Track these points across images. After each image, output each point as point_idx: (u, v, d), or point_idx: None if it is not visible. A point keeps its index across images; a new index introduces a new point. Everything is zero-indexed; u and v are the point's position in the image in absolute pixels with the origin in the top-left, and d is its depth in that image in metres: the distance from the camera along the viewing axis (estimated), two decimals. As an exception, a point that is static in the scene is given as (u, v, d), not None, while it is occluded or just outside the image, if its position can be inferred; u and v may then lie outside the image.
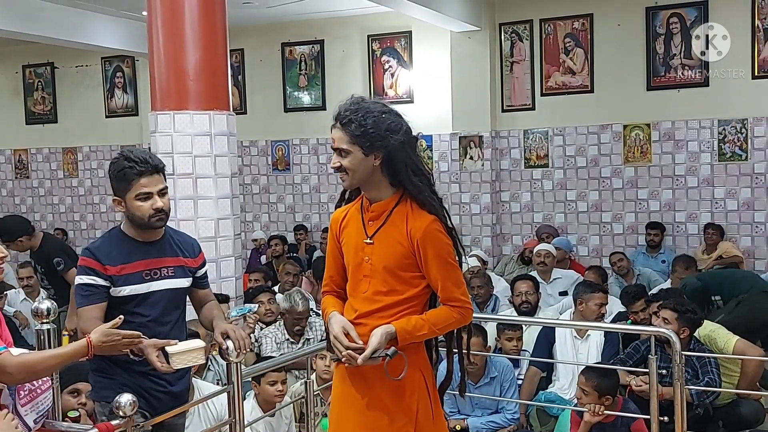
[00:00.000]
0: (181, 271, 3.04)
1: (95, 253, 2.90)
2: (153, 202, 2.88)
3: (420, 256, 2.58)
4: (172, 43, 4.70)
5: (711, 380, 4.37)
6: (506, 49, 8.69)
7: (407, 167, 2.59)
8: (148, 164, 2.89)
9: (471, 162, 8.78)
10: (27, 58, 11.06)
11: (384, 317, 2.59)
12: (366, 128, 2.53)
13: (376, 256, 2.61)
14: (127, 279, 2.89)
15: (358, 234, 2.66)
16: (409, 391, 2.63)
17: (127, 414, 2.56)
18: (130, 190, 2.88)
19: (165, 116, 4.77)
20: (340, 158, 2.60)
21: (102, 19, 8.84)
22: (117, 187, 2.94)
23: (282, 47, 9.77)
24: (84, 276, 2.88)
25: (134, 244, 2.95)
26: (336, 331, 2.58)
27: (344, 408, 2.70)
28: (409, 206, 2.61)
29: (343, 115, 2.56)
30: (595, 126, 8.45)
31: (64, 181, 11.20)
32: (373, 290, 2.62)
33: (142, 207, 2.88)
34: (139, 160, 2.88)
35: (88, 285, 2.87)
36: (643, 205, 8.33)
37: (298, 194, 9.96)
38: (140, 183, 2.87)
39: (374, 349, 2.50)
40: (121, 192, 2.92)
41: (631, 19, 8.16)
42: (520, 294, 5.72)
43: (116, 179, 2.93)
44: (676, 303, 4.49)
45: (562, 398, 4.88)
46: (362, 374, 2.62)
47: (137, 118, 10.46)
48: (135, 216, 2.91)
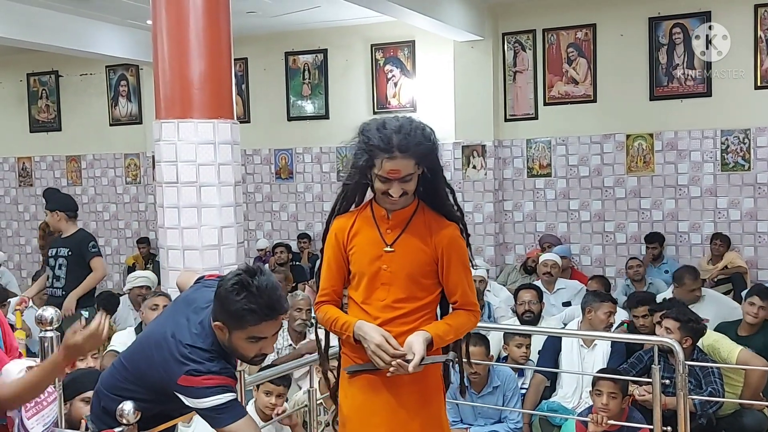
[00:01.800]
0: None
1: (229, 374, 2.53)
2: (263, 346, 2.51)
3: (443, 262, 2.64)
4: (176, 52, 4.72)
5: (714, 390, 4.35)
6: (509, 58, 8.71)
7: (439, 175, 2.63)
8: (275, 311, 2.45)
9: (474, 171, 8.79)
10: (31, 67, 11.11)
11: (405, 323, 2.62)
12: (423, 145, 2.52)
13: (397, 264, 2.62)
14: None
15: (373, 242, 2.65)
16: (435, 395, 2.71)
17: (130, 422, 2.56)
18: (242, 330, 2.46)
19: (169, 124, 4.78)
20: (405, 184, 2.54)
21: (107, 27, 8.88)
22: (227, 321, 2.47)
23: (285, 56, 9.80)
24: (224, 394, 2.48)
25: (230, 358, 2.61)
26: (378, 340, 2.55)
27: (367, 416, 2.68)
28: (426, 214, 2.66)
29: (402, 144, 2.47)
30: (598, 135, 8.46)
31: (68, 189, 11.20)
32: (394, 298, 2.63)
33: (248, 349, 2.50)
34: (263, 303, 2.41)
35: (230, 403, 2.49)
36: (645, 214, 8.33)
37: (301, 203, 9.97)
38: (260, 329, 2.46)
39: (422, 356, 2.52)
40: (230, 326, 2.48)
41: (634, 29, 8.18)
42: (523, 303, 5.72)
43: (230, 315, 2.45)
44: (678, 312, 4.49)
45: (565, 408, 4.87)
46: (390, 381, 2.61)
47: (141, 127, 10.49)
48: (235, 352, 2.54)
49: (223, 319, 2.48)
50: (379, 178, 2.53)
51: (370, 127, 2.55)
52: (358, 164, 2.56)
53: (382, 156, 2.48)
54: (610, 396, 4.16)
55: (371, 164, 2.52)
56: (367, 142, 2.51)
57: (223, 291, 2.46)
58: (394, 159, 2.48)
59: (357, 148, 2.57)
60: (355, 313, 2.68)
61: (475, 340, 4.64)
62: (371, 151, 2.50)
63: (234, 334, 2.48)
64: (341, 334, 2.68)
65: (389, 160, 2.48)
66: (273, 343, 2.58)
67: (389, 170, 2.49)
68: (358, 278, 2.68)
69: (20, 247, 11.57)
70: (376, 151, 2.49)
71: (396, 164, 2.48)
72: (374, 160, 2.50)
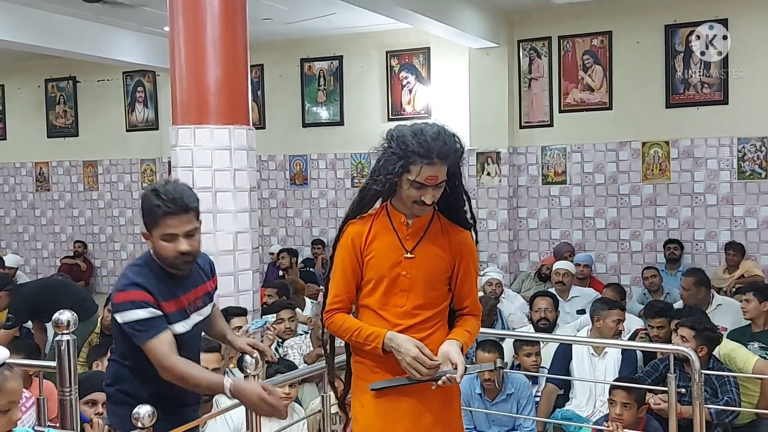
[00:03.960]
0: (208, 298, 2.97)
1: (142, 285, 2.70)
2: (177, 244, 2.71)
3: (459, 269, 2.66)
4: (193, 58, 4.75)
5: (730, 399, 4.32)
6: (524, 65, 8.70)
7: (461, 182, 2.63)
8: (177, 204, 2.69)
9: (488, 178, 8.78)
10: (50, 72, 11.22)
11: (423, 330, 2.62)
12: (459, 152, 2.54)
13: (416, 270, 2.62)
14: (175, 316, 2.77)
15: (393, 248, 2.63)
16: (456, 399, 2.74)
17: (146, 425, 2.57)
18: (156, 229, 2.72)
19: (185, 130, 4.81)
20: (437, 191, 2.55)
21: (124, 34, 8.96)
22: (146, 223, 2.78)
23: (301, 63, 9.84)
24: (139, 310, 2.66)
25: (173, 277, 2.80)
26: (415, 352, 2.53)
27: (389, 423, 2.65)
28: (442, 220, 2.68)
29: (443, 152, 2.47)
30: (614, 143, 8.44)
31: (84, 194, 11.31)
32: (413, 304, 2.63)
33: (166, 248, 2.72)
34: (167, 198, 2.69)
35: (146, 320, 2.65)
36: (661, 222, 8.29)
37: (315, 209, 10.00)
38: (166, 223, 2.69)
39: (464, 365, 2.54)
40: (149, 228, 2.76)
41: (650, 37, 8.16)
42: (539, 310, 5.70)
43: (145, 215, 2.77)
44: (694, 321, 4.45)
45: (579, 416, 4.85)
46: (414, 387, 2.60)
47: (157, 132, 10.56)
48: (160, 256, 2.76)
49: (144, 222, 2.78)
50: (414, 184, 2.51)
51: (404, 133, 2.52)
52: (392, 170, 2.52)
53: (420, 162, 2.47)
54: (624, 406, 4.13)
55: (406, 170, 2.50)
56: (405, 148, 2.48)
57: (142, 197, 2.80)
58: (433, 165, 2.47)
59: (389, 154, 2.53)
60: (370, 320, 2.64)
61: (489, 346, 4.63)
62: (408, 157, 2.48)
63: (154, 237, 2.73)
64: (364, 345, 2.61)
65: (429, 166, 2.47)
66: (191, 243, 2.73)
67: (427, 176, 2.48)
68: (374, 284, 2.65)
69: (36, 252, 11.66)
70: (415, 157, 2.47)
71: (434, 171, 2.48)
72: (410, 167, 2.49)
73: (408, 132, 2.51)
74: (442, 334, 2.67)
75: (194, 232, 2.76)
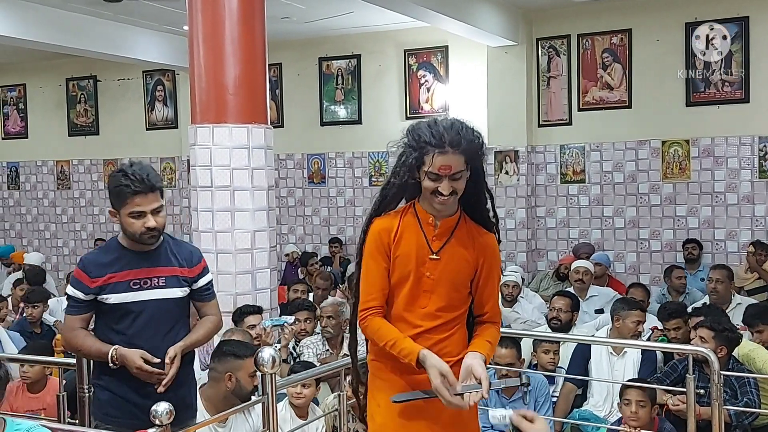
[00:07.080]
0: (175, 281, 3.09)
1: (86, 265, 3.03)
2: (145, 221, 2.96)
3: (482, 272, 2.62)
4: (212, 58, 4.78)
5: (750, 401, 4.28)
6: (543, 63, 8.67)
7: (483, 178, 2.60)
8: (144, 184, 2.94)
9: (506, 177, 8.75)
10: (70, 72, 11.31)
11: (443, 331, 2.60)
12: (474, 142, 2.49)
13: (441, 272, 2.58)
14: (114, 287, 2.99)
15: (419, 248, 2.59)
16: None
17: (163, 422, 2.59)
18: (124, 207, 2.97)
19: (204, 129, 4.85)
20: (455, 182, 2.49)
21: (144, 33, 9.02)
22: (113, 201, 3.03)
23: (319, 62, 9.86)
24: (72, 288, 3.04)
25: (127, 254, 3.05)
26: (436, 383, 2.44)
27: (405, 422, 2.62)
28: (468, 222, 2.64)
29: (455, 140, 2.45)
30: (633, 142, 8.39)
31: (104, 192, 11.39)
32: (435, 306, 2.60)
33: (134, 224, 2.97)
34: (135, 179, 2.93)
35: (73, 298, 3.04)
36: (681, 221, 8.23)
37: (333, 207, 10.01)
38: (134, 202, 2.95)
39: (489, 380, 2.48)
40: (116, 206, 3.01)
41: (670, 35, 8.09)
42: (553, 309, 5.69)
43: (113, 194, 3.01)
44: (712, 321, 4.42)
45: (597, 416, 4.83)
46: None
47: (177, 131, 10.62)
48: (128, 232, 3.01)
49: (111, 202, 3.03)
50: (429, 175, 2.48)
51: (419, 125, 2.53)
52: (407, 162, 2.51)
53: (433, 151, 2.45)
54: (639, 404, 4.11)
55: (421, 162, 2.49)
56: (418, 139, 2.48)
57: (109, 178, 3.04)
58: (445, 154, 2.45)
59: (405, 147, 2.54)
60: (393, 320, 2.61)
61: (507, 342, 4.61)
62: (422, 148, 2.47)
63: (122, 214, 2.98)
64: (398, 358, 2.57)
65: (441, 155, 2.44)
66: (157, 219, 2.98)
67: (440, 166, 2.45)
68: (398, 284, 2.61)
69: (58, 249, 11.77)
70: (428, 147, 2.46)
71: (447, 159, 2.45)
72: (424, 157, 2.47)
73: (423, 124, 2.53)
74: (461, 335, 2.66)
75: (160, 209, 3.01)
